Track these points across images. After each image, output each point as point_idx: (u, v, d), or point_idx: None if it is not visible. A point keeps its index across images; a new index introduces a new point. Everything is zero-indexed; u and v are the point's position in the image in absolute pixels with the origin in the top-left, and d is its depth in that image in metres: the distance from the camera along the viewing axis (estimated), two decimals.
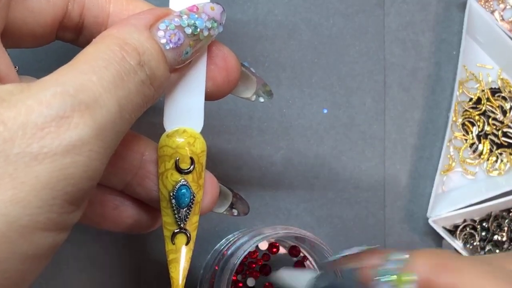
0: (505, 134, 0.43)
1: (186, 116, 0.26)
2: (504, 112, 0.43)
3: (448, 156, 0.43)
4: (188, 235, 0.26)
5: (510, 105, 0.44)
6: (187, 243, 0.26)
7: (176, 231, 0.26)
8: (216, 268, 0.35)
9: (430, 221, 0.40)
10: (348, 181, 0.40)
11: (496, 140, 0.43)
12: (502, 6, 0.44)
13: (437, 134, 0.42)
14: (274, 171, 0.39)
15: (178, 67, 0.24)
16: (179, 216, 0.26)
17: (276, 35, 0.39)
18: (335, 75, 0.40)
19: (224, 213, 0.30)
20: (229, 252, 0.34)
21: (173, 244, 0.26)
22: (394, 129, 0.41)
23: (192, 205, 0.26)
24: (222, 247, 0.36)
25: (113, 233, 0.32)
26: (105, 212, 0.27)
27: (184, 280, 0.26)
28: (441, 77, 0.42)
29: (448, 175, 0.43)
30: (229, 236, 0.37)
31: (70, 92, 0.19)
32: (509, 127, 0.43)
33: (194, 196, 0.26)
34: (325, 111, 0.40)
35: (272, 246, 0.37)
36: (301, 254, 0.38)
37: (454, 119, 0.43)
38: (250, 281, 0.37)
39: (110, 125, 0.20)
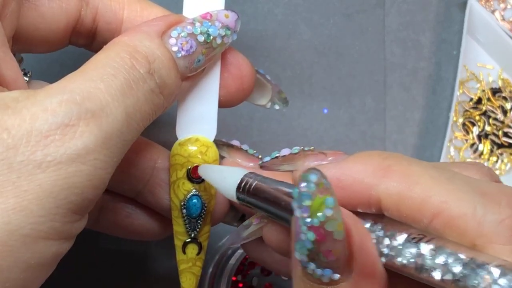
0: (505, 134, 0.43)
1: (198, 125, 0.26)
2: (504, 112, 0.43)
3: (449, 156, 0.43)
4: (199, 245, 0.26)
5: (511, 105, 0.43)
6: (198, 253, 0.26)
7: (187, 241, 0.26)
8: (216, 268, 0.35)
9: None
10: None
11: (496, 140, 0.43)
12: (502, 6, 0.44)
13: (438, 134, 0.42)
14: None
15: (190, 75, 0.24)
16: (190, 226, 0.26)
17: (276, 35, 0.39)
18: (335, 75, 0.40)
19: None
20: (229, 252, 0.34)
21: (184, 254, 0.26)
22: (394, 129, 0.41)
23: (203, 215, 0.25)
24: (222, 247, 0.36)
25: (124, 239, 0.32)
26: (117, 219, 0.27)
27: None
28: (442, 77, 0.42)
29: None
30: (229, 237, 0.37)
31: (76, 100, 0.19)
32: (509, 127, 0.43)
33: (205, 206, 0.25)
34: (325, 111, 0.40)
35: None
36: None
37: (454, 119, 0.43)
38: (255, 281, 0.37)
39: (117, 134, 0.20)
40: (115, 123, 0.20)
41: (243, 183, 0.22)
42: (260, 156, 0.25)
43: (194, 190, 0.25)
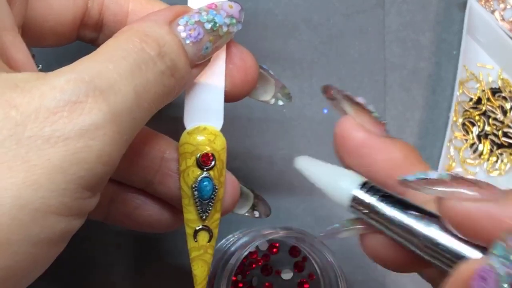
0: (505, 134, 0.43)
1: (206, 114, 0.26)
2: (504, 112, 0.43)
3: (449, 156, 0.43)
4: (210, 232, 0.26)
5: (511, 105, 0.43)
6: (209, 241, 0.26)
7: (198, 228, 0.26)
8: (216, 268, 0.35)
9: None
10: None
11: (496, 140, 0.43)
12: (502, 6, 0.44)
13: (437, 134, 0.42)
14: (274, 171, 0.39)
15: (199, 63, 0.24)
16: (201, 209, 0.26)
17: (276, 35, 0.39)
18: (335, 75, 0.40)
19: (246, 214, 0.30)
20: (229, 252, 0.34)
21: (196, 241, 0.26)
22: (394, 129, 0.41)
23: (214, 199, 0.26)
24: (222, 247, 0.36)
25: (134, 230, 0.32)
26: (127, 211, 0.28)
27: (207, 278, 0.26)
28: (442, 77, 0.42)
29: None
30: (229, 236, 0.37)
31: (84, 78, 0.19)
32: (509, 127, 0.43)
33: (216, 189, 0.26)
34: (325, 111, 0.40)
35: (272, 246, 0.37)
36: (301, 255, 0.38)
37: (454, 119, 0.43)
38: (255, 281, 0.37)
39: (126, 112, 0.20)
40: (124, 101, 0.20)
41: (360, 196, 0.22)
42: (385, 122, 0.24)
43: (205, 173, 0.25)
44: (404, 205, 0.21)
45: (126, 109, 0.20)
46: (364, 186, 0.22)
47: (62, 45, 0.27)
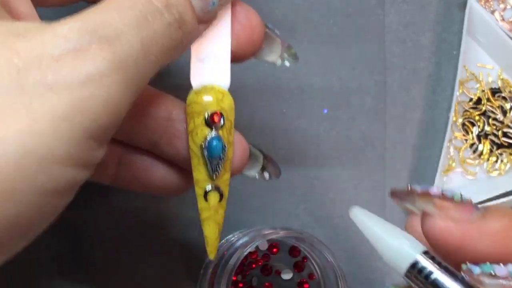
0: (505, 134, 0.43)
1: (213, 74, 0.25)
2: (504, 112, 0.43)
3: (448, 156, 0.43)
4: (221, 192, 0.26)
5: (511, 105, 0.43)
6: (220, 200, 0.26)
7: (208, 189, 0.25)
8: (216, 268, 0.35)
9: None
10: (348, 181, 0.40)
11: (496, 140, 0.43)
12: (502, 6, 0.44)
13: (437, 134, 0.42)
14: None
15: (205, 19, 0.24)
16: (211, 168, 0.25)
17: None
18: (335, 75, 0.40)
19: (256, 176, 0.30)
20: (229, 252, 0.34)
21: (206, 201, 0.26)
22: (394, 129, 0.41)
23: (223, 158, 0.25)
24: (222, 247, 0.36)
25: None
26: (135, 173, 0.27)
27: (219, 239, 0.26)
28: (441, 77, 0.42)
29: (448, 176, 0.43)
30: (229, 236, 0.37)
31: (89, 27, 0.19)
32: (509, 127, 0.43)
33: (225, 149, 0.25)
34: (325, 111, 0.40)
35: (272, 246, 0.37)
36: (301, 255, 0.38)
37: (454, 119, 0.43)
38: (255, 281, 0.37)
39: (132, 62, 0.20)
40: (130, 51, 0.20)
41: (421, 263, 0.21)
42: (470, 200, 0.21)
43: (214, 132, 0.25)
44: (464, 283, 0.20)
45: (132, 59, 0.20)
46: (425, 253, 0.21)
47: (65, 5, 0.26)
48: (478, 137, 0.43)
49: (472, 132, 0.43)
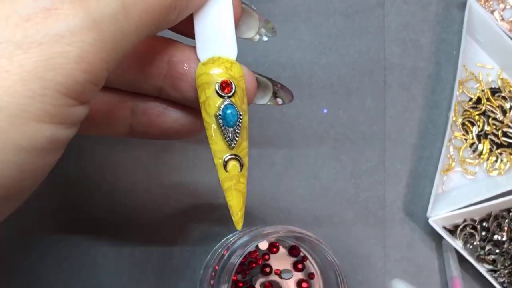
0: (505, 134, 0.43)
1: (218, 44, 0.25)
2: (504, 112, 0.43)
3: (448, 156, 0.43)
4: (241, 161, 0.25)
5: (510, 105, 0.44)
6: (240, 170, 0.25)
7: (227, 158, 0.25)
8: (216, 268, 0.35)
9: (430, 221, 0.40)
10: (348, 181, 0.40)
11: (496, 140, 0.43)
12: (502, 6, 0.44)
13: (437, 134, 0.42)
14: (274, 171, 0.39)
15: None
16: (228, 137, 0.25)
17: (276, 35, 0.39)
18: (335, 75, 0.40)
19: (269, 103, 0.29)
20: (229, 252, 0.34)
21: (227, 171, 0.25)
22: (394, 129, 0.41)
23: (240, 126, 0.25)
24: (222, 247, 0.36)
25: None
26: (150, 120, 0.27)
27: (244, 208, 0.26)
28: (441, 77, 0.42)
29: (448, 175, 0.43)
30: (229, 236, 0.37)
31: None
32: (509, 127, 0.43)
33: (241, 116, 0.25)
34: (325, 111, 0.40)
35: (272, 246, 0.37)
36: (301, 254, 0.38)
37: (454, 119, 0.43)
38: (255, 281, 0.37)
39: (110, 20, 0.19)
40: (107, 9, 0.19)
41: None
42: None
43: (227, 100, 0.25)
44: None
45: (109, 17, 0.19)
46: None
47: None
48: (478, 136, 0.43)
49: (472, 132, 0.43)
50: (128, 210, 0.36)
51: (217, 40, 0.25)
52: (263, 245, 0.37)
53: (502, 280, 0.41)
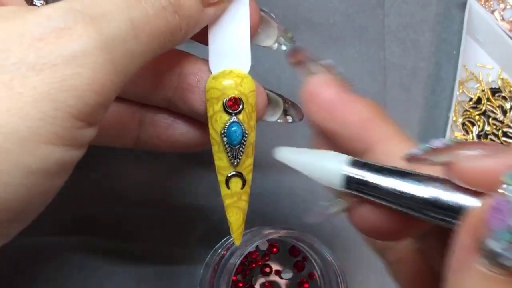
0: (505, 134, 0.43)
1: (232, 57, 0.25)
2: (504, 112, 0.43)
3: None
4: (243, 178, 0.26)
5: (510, 105, 0.44)
6: (242, 187, 0.26)
7: (230, 175, 0.25)
8: (216, 268, 0.35)
9: None
10: None
11: (496, 140, 0.43)
12: (502, 6, 0.44)
13: (437, 134, 0.42)
14: (274, 171, 0.39)
15: (213, 2, 0.23)
16: (232, 155, 0.25)
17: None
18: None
19: (279, 121, 0.29)
20: (229, 252, 0.34)
21: (228, 188, 0.25)
22: None
23: (244, 144, 0.25)
24: (222, 247, 0.36)
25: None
26: (158, 132, 0.27)
27: (243, 225, 0.26)
28: (441, 77, 0.42)
29: None
30: (229, 236, 0.37)
31: (75, 7, 0.19)
32: (509, 127, 0.43)
33: (246, 134, 0.25)
34: None
35: (272, 246, 0.37)
36: (301, 254, 0.38)
37: (454, 119, 0.43)
38: (255, 281, 0.37)
39: (120, 41, 0.19)
40: (117, 30, 0.19)
41: (352, 173, 0.21)
42: (352, 84, 0.24)
43: (233, 118, 0.24)
44: (397, 173, 0.20)
45: (120, 38, 0.19)
46: (352, 163, 0.21)
47: None
48: (478, 136, 0.43)
49: (472, 132, 0.43)
50: (128, 210, 0.36)
51: (231, 52, 0.25)
52: (263, 245, 0.37)
53: None
